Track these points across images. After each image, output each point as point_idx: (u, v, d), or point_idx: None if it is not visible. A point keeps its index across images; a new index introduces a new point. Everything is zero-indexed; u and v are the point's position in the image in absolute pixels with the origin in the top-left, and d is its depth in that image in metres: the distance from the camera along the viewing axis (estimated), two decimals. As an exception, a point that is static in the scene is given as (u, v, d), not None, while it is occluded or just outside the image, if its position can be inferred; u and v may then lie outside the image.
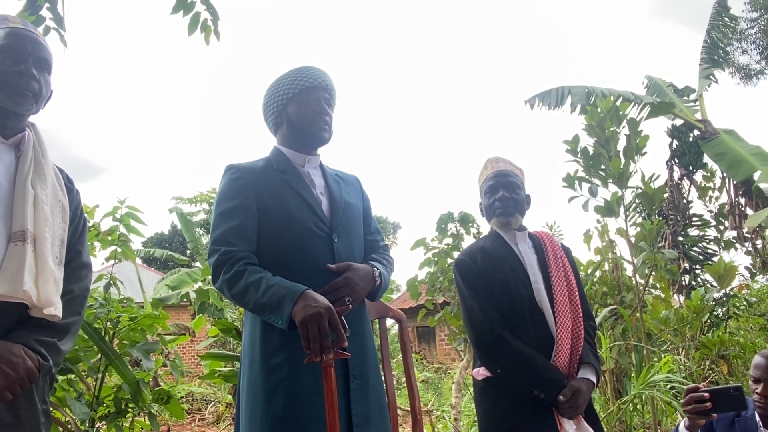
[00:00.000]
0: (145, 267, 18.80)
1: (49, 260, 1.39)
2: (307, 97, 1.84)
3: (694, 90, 8.74)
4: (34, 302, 1.34)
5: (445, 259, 4.81)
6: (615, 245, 5.00)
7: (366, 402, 1.70)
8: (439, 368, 12.40)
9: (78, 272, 1.54)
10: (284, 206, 1.75)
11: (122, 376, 2.87)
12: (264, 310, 1.58)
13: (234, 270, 1.62)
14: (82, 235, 1.59)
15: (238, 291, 1.61)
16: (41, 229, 1.39)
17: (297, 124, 1.84)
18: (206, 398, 8.71)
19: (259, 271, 1.63)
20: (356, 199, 1.96)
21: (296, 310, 1.49)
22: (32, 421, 1.38)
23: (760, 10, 14.70)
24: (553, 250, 2.18)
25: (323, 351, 1.47)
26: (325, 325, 1.47)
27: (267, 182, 1.78)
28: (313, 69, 1.89)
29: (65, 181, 1.58)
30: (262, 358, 1.67)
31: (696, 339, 5.26)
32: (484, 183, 2.23)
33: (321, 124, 1.84)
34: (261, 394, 1.65)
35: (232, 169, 1.80)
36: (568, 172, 4.34)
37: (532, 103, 8.87)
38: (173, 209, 13.04)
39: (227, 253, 1.65)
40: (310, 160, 1.88)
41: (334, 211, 1.82)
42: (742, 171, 7.26)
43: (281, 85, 1.86)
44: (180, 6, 2.84)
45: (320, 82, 1.86)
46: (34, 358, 1.33)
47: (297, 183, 1.81)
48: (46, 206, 1.43)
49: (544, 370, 1.93)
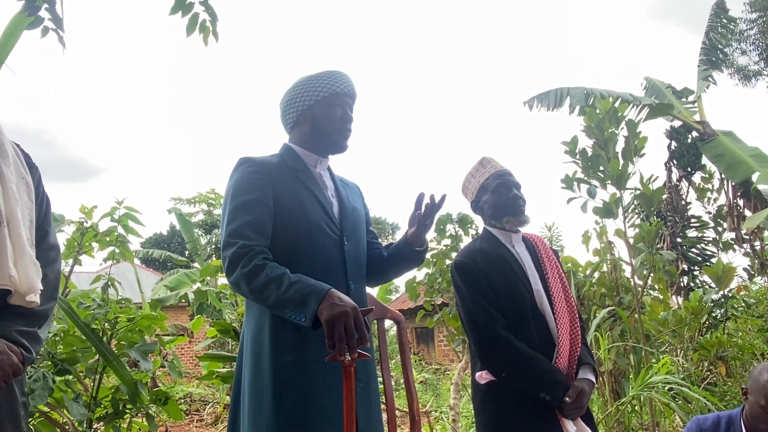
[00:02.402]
0: (143, 268, 18.78)
1: (26, 243, 1.31)
2: (336, 103, 1.83)
3: (692, 91, 8.74)
4: (18, 288, 1.28)
5: (444, 260, 4.81)
6: (613, 246, 5.00)
7: (369, 406, 1.70)
8: (438, 369, 12.39)
9: (48, 254, 1.45)
10: (299, 203, 1.74)
11: (120, 376, 2.87)
12: (286, 306, 1.54)
13: (253, 264, 1.59)
14: (47, 214, 1.51)
15: (257, 286, 1.57)
16: (12, 209, 1.31)
17: (322, 127, 1.83)
18: (204, 399, 8.70)
19: (280, 267, 1.60)
20: (360, 205, 1.96)
21: (322, 308, 1.47)
22: (12, 414, 1.34)
23: (760, 11, 14.73)
24: (546, 252, 2.19)
25: (349, 350, 1.45)
26: (351, 325, 1.45)
27: (282, 178, 1.76)
28: (345, 75, 1.88)
29: (23, 156, 1.48)
30: (272, 355, 1.64)
31: (694, 340, 5.27)
32: (487, 181, 2.19)
33: (345, 133, 1.85)
34: (269, 392, 1.62)
35: (248, 162, 1.77)
36: (566, 173, 4.34)
37: (530, 104, 8.88)
38: (172, 210, 13.05)
39: (245, 247, 1.62)
40: (321, 162, 1.88)
41: (344, 214, 1.83)
42: (741, 172, 7.26)
43: (311, 84, 1.84)
44: (179, 7, 2.83)
45: (350, 89, 1.86)
46: (18, 352, 1.27)
47: (310, 182, 1.80)
48: (13, 184, 1.34)
49: (549, 372, 1.93)
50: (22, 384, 1.40)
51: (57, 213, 3.18)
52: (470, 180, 2.26)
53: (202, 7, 2.87)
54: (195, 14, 2.87)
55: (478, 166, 2.26)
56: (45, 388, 2.42)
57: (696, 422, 2.16)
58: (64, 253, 3.22)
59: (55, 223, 3.04)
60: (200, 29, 2.90)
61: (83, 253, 3.28)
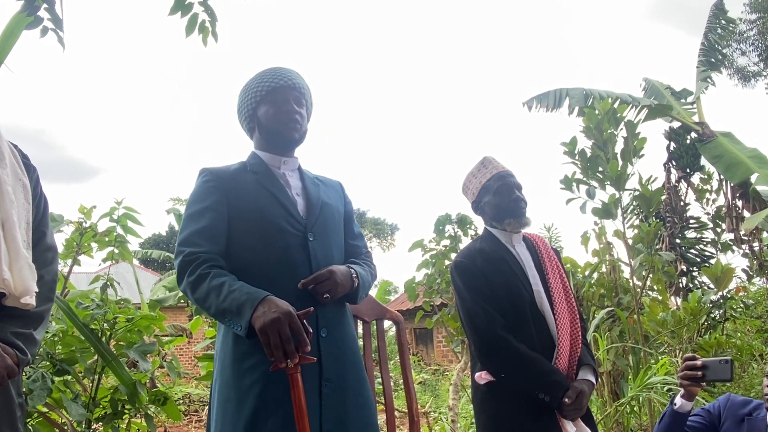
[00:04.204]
0: (142, 268, 18.78)
1: (21, 245, 1.31)
2: (275, 98, 1.82)
3: (691, 92, 8.74)
4: (12, 291, 1.28)
5: (443, 260, 4.80)
6: (612, 247, 5.01)
7: (341, 407, 1.66)
8: (437, 370, 12.38)
9: (45, 255, 1.46)
10: (256, 206, 1.73)
11: (119, 377, 2.86)
12: (224, 315, 1.54)
13: (197, 273, 1.59)
14: (45, 215, 1.51)
15: (200, 295, 1.58)
16: (8, 212, 1.31)
17: (267, 125, 1.83)
18: (203, 400, 8.69)
19: (223, 275, 1.59)
20: (336, 201, 1.93)
21: (256, 317, 1.46)
22: (8, 415, 1.33)
23: (759, 12, 14.74)
24: (547, 252, 2.18)
25: (287, 356, 1.44)
26: (286, 330, 1.43)
27: (238, 183, 1.76)
28: (280, 69, 1.86)
29: (21, 157, 1.47)
30: (233, 362, 1.65)
31: (693, 341, 5.26)
32: (488, 181, 2.18)
33: (291, 124, 1.82)
34: (233, 400, 1.62)
35: (204, 172, 1.80)
36: (565, 174, 4.35)
37: (529, 104, 8.88)
38: (171, 210, 13.05)
39: (191, 254, 1.62)
40: (286, 162, 1.87)
41: (310, 211, 1.80)
42: (739, 173, 7.27)
43: (249, 89, 1.85)
44: (178, 7, 2.83)
45: (287, 81, 1.83)
46: (12, 354, 1.27)
47: (270, 183, 1.79)
48: (9, 186, 1.34)
49: (549, 373, 1.93)
50: (18, 385, 1.39)
51: (56, 213, 3.17)
52: (471, 180, 2.25)
53: (201, 7, 2.87)
54: (194, 15, 2.87)
55: (479, 166, 2.24)
56: (44, 388, 2.42)
57: (728, 395, 2.17)
58: (63, 254, 3.22)
59: (54, 224, 3.04)
60: (199, 30, 2.90)
61: (82, 253, 3.28)
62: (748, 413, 2.03)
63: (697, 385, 1.94)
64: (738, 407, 2.08)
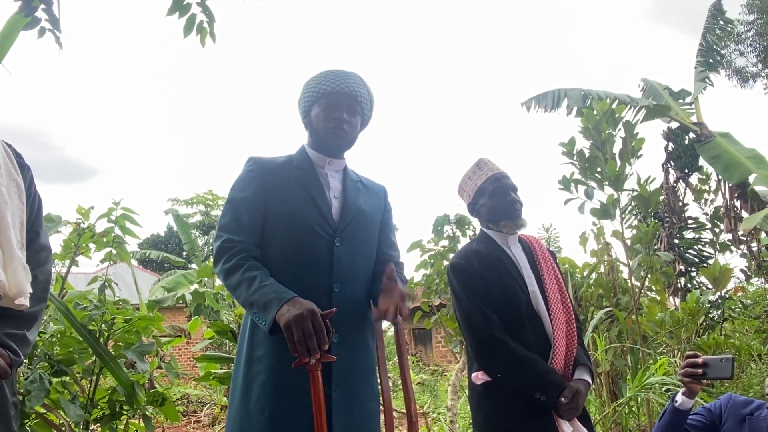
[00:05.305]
0: (140, 269, 18.76)
1: (15, 246, 1.31)
2: (328, 102, 1.83)
3: (689, 93, 8.75)
4: (6, 292, 1.28)
5: (441, 261, 4.81)
6: (611, 248, 5.02)
7: (349, 414, 1.70)
8: (436, 370, 12.38)
9: (38, 255, 1.46)
10: (291, 203, 1.77)
11: (117, 378, 2.86)
12: (252, 307, 1.62)
13: (233, 262, 1.66)
14: (38, 215, 1.51)
15: (232, 283, 1.66)
16: (2, 213, 1.31)
17: (315, 127, 1.86)
18: (202, 400, 8.68)
19: (257, 268, 1.66)
20: (374, 208, 1.93)
21: (280, 314, 1.51)
22: (3, 415, 1.34)
23: (757, 13, 14.77)
24: (542, 253, 2.19)
25: (310, 353, 1.48)
26: (309, 326, 1.47)
27: (280, 177, 1.80)
28: (341, 73, 1.87)
29: (15, 156, 1.47)
30: (248, 348, 1.73)
31: (691, 341, 5.26)
32: (484, 184, 2.19)
33: (337, 132, 1.83)
34: (241, 384, 1.70)
35: (250, 161, 1.85)
36: (564, 174, 4.35)
37: (528, 105, 8.88)
38: (169, 211, 13.06)
39: (230, 241, 1.70)
40: (331, 162, 1.89)
41: (344, 215, 1.82)
42: (738, 174, 7.28)
43: (309, 87, 1.88)
44: (176, 7, 2.83)
45: (344, 87, 1.83)
46: (5, 355, 1.27)
47: (310, 183, 1.82)
48: (3, 187, 1.34)
49: (545, 372, 1.94)
50: (13, 384, 1.40)
51: (54, 214, 3.17)
52: (467, 182, 2.26)
53: (199, 8, 2.87)
54: (192, 15, 2.86)
55: (474, 168, 2.25)
56: (41, 389, 2.42)
57: (730, 395, 2.18)
58: (60, 254, 3.21)
59: (52, 224, 3.03)
60: (197, 30, 2.90)
61: (80, 254, 3.27)
62: (749, 413, 2.03)
63: (698, 383, 1.95)
64: (739, 407, 2.08)
